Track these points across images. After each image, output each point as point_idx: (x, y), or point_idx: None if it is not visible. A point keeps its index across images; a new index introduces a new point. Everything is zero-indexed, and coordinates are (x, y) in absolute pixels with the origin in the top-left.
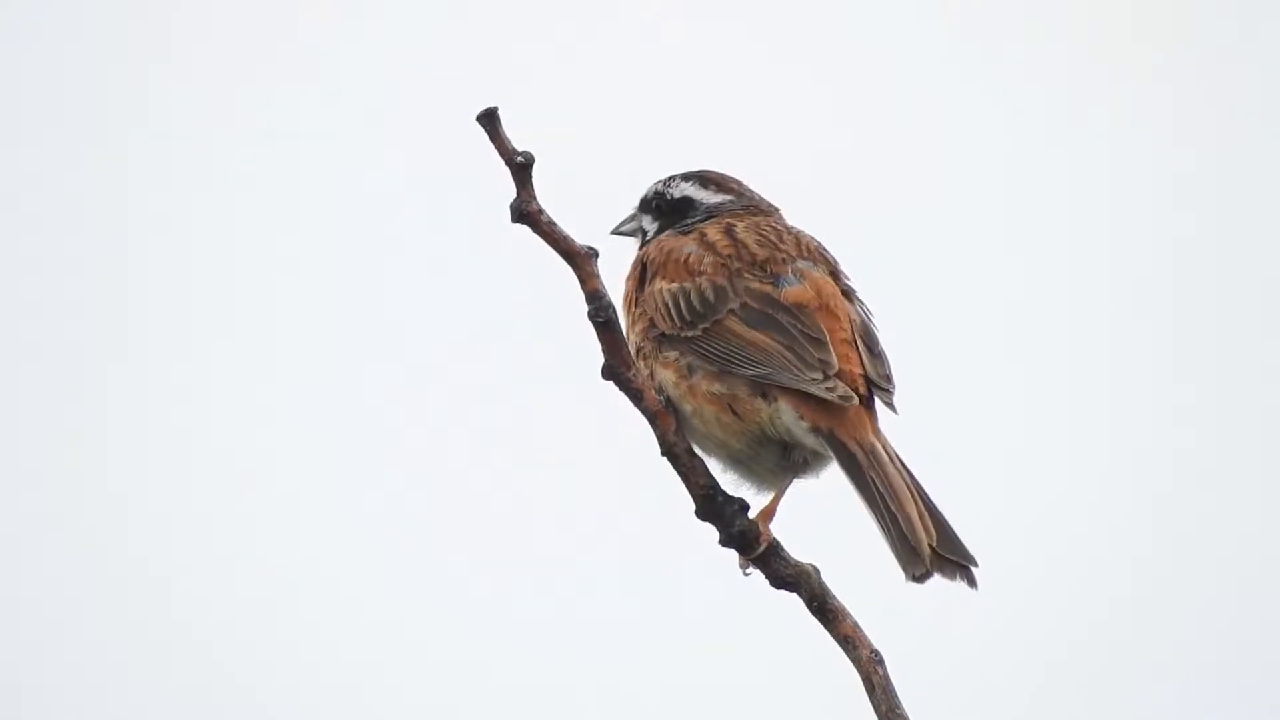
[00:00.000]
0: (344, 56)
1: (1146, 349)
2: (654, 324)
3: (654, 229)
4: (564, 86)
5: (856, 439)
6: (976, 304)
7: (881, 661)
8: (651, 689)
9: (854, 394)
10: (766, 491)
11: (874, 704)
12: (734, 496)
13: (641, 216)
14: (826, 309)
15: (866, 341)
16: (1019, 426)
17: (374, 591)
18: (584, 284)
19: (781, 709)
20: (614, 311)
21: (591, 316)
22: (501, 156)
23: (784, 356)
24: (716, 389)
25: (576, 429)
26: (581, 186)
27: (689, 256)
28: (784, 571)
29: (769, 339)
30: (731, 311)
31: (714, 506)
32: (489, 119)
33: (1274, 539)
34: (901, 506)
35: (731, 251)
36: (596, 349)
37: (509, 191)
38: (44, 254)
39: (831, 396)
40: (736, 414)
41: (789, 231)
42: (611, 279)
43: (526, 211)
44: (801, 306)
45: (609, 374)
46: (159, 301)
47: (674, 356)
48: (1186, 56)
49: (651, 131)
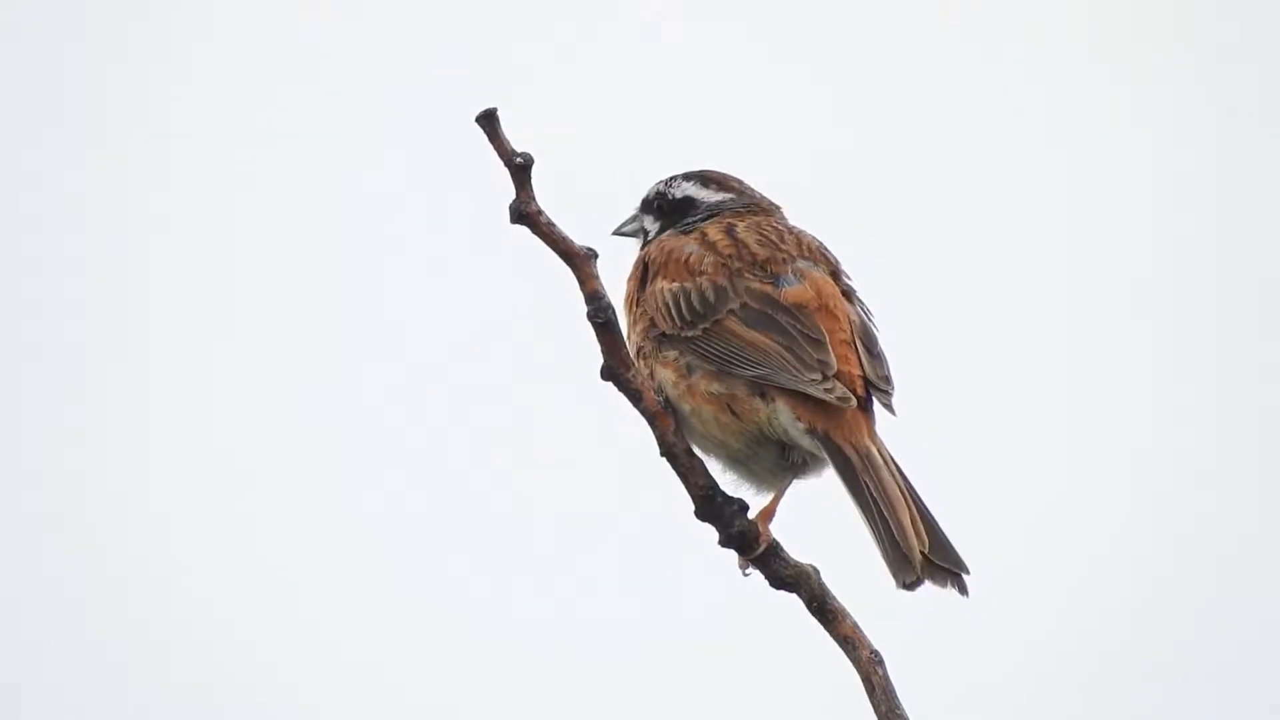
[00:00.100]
0: (344, 56)
1: (1146, 349)
2: (654, 324)
3: (655, 229)
4: (564, 86)
5: (852, 442)
6: (975, 304)
7: (881, 662)
8: (651, 689)
9: (852, 395)
10: (766, 492)
11: (874, 704)
12: (733, 497)
13: (643, 217)
14: (826, 309)
15: (865, 342)
16: (1017, 427)
17: (374, 591)
18: (583, 285)
19: (781, 709)
20: (613, 312)
21: (591, 317)
22: (501, 157)
23: (783, 357)
24: (715, 389)
25: (576, 429)
26: (581, 187)
27: (690, 256)
28: (784, 572)
29: (768, 339)
30: (732, 312)
31: (713, 507)
32: (488, 120)
33: (1274, 540)
34: (894, 512)
35: (732, 251)
36: (596, 349)
37: (508, 192)
38: (44, 254)
39: (829, 398)
40: (735, 414)
41: (790, 231)
42: (611, 279)
43: (526, 212)
44: (801, 307)
45: (608, 375)
46: (159, 301)
47: (673, 356)
48: (1186, 56)
49: (651, 132)
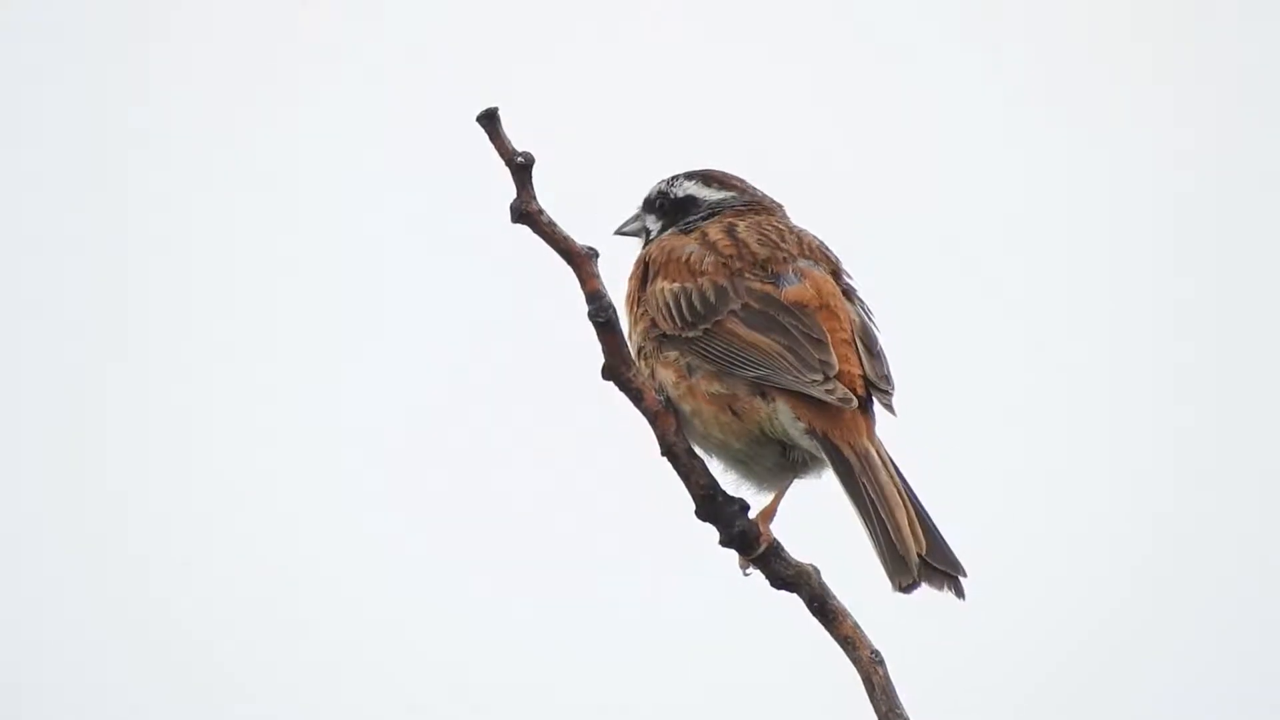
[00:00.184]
0: (344, 56)
1: (1146, 349)
2: (655, 324)
3: (657, 228)
4: (564, 86)
5: (850, 442)
6: (975, 304)
7: (882, 662)
8: (652, 689)
9: (853, 396)
10: (767, 491)
11: (874, 704)
12: (734, 497)
13: (645, 216)
14: (827, 308)
15: (865, 342)
16: (1016, 428)
17: (374, 591)
18: (584, 284)
19: (781, 709)
20: (614, 312)
21: (592, 316)
22: (501, 157)
23: (785, 359)
24: (716, 389)
25: (576, 429)
26: (581, 186)
27: (690, 256)
28: (784, 572)
29: (770, 340)
30: (733, 312)
31: (714, 506)
32: (489, 119)
33: (1274, 541)
34: (892, 514)
35: (733, 251)
36: (596, 349)
37: (509, 191)
38: (44, 254)
39: (831, 399)
40: (735, 414)
41: (791, 230)
42: (612, 279)
43: (526, 211)
44: (802, 306)
45: (609, 374)
46: (159, 301)
47: (674, 356)
48: (1186, 56)
49: (652, 131)
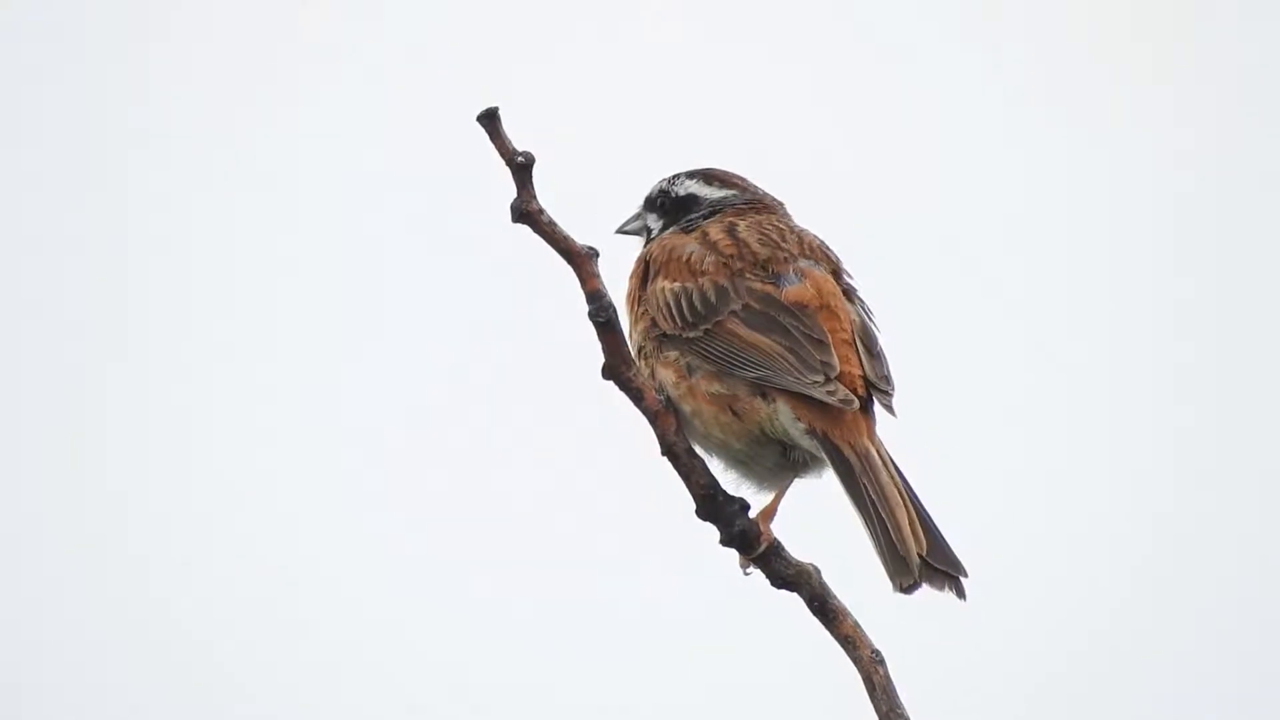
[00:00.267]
0: (344, 56)
1: (1147, 349)
2: (655, 323)
3: (659, 227)
4: (564, 86)
5: (851, 443)
6: (976, 304)
7: (882, 661)
8: (652, 688)
9: (854, 397)
10: (767, 491)
11: (874, 704)
12: (734, 496)
13: (646, 215)
14: (828, 309)
15: (866, 342)
16: (1017, 428)
17: (374, 591)
18: (584, 284)
19: (781, 709)
20: (614, 311)
21: (592, 316)
22: (502, 156)
23: (785, 359)
24: (716, 389)
25: (577, 429)
26: (581, 186)
27: (691, 256)
28: (785, 571)
29: (771, 341)
30: (733, 313)
31: (714, 506)
32: (489, 119)
33: (1274, 541)
34: (892, 514)
35: (734, 251)
36: (596, 349)
37: (509, 191)
38: (44, 254)
39: (832, 400)
40: (736, 414)
41: (792, 230)
42: (612, 278)
43: (527, 211)
44: (803, 306)
45: (609, 374)
46: (159, 301)
47: (674, 356)
48: (1186, 56)
49: (652, 131)
